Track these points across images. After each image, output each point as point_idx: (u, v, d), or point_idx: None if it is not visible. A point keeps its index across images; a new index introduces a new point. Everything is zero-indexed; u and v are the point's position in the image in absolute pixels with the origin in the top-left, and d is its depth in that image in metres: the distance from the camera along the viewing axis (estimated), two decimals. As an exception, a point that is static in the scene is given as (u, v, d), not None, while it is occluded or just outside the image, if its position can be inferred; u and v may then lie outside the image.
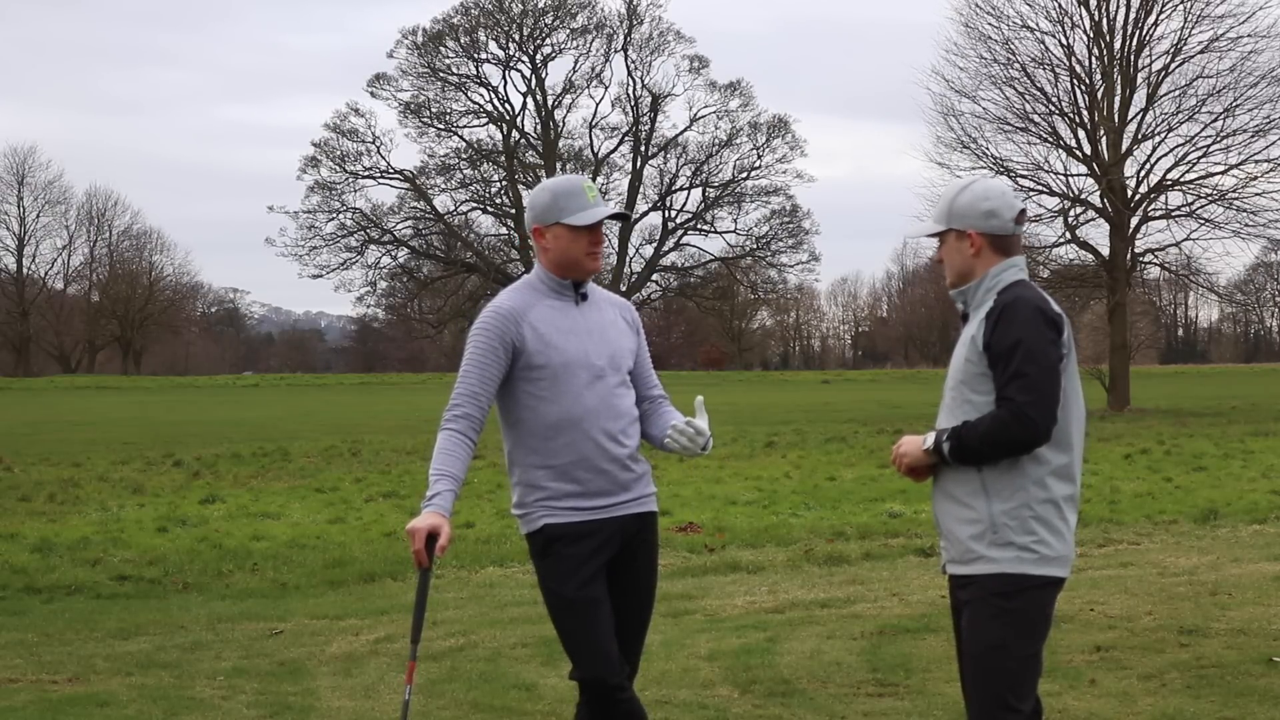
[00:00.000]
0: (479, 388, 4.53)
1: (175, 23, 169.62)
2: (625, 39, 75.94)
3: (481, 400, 4.53)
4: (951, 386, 4.16)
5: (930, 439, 4.10)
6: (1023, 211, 4.22)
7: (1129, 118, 36.97)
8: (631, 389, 4.70)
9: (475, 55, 75.15)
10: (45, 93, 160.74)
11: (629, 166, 78.22)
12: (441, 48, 74.32)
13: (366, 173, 74.49)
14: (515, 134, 76.75)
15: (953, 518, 4.13)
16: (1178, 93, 36.69)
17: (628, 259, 79.07)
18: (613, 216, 4.64)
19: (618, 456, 4.58)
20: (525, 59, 75.89)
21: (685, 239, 79.01)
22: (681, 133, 77.41)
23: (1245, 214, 36.29)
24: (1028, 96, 36.91)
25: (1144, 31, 36.66)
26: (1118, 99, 36.89)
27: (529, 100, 76.72)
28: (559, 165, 76.71)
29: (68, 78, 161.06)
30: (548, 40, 75.86)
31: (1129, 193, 36.96)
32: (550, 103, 76.70)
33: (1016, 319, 4.01)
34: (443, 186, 76.63)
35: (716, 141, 76.88)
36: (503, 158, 76.30)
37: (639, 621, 4.71)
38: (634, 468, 4.64)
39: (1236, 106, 35.85)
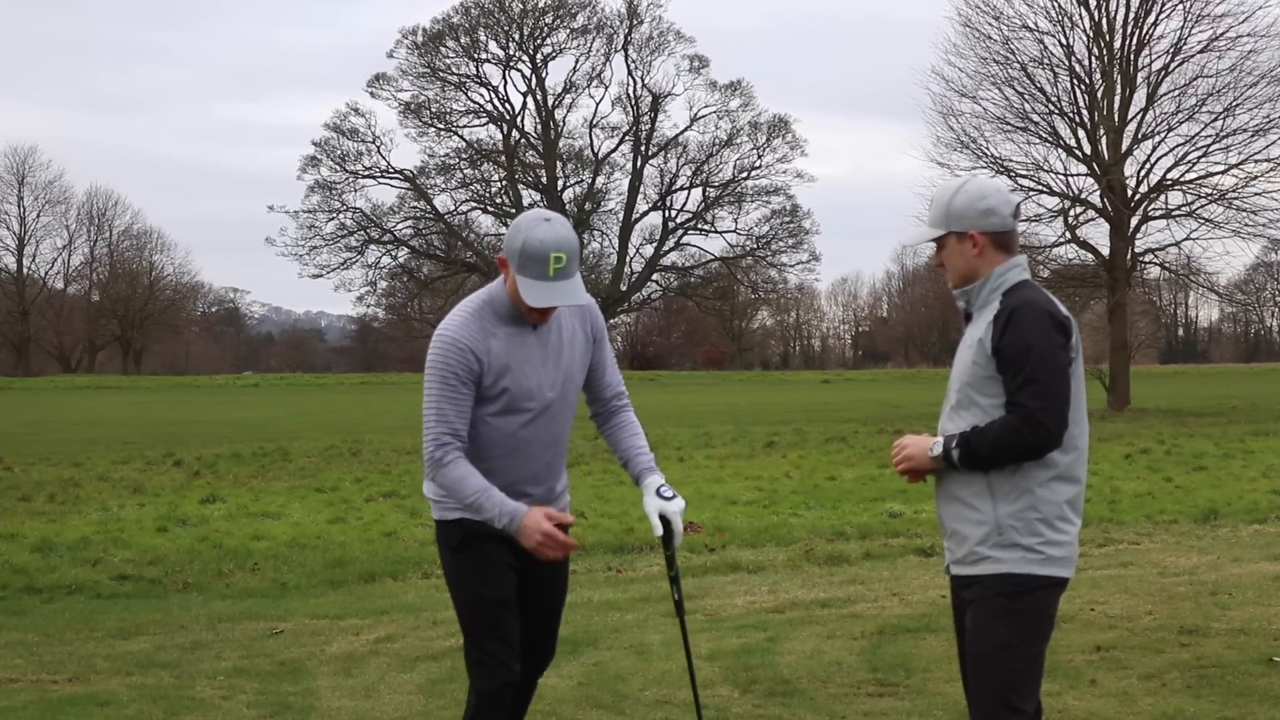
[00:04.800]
0: (459, 423, 4.44)
1: (167, 19, 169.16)
2: (625, 39, 76.00)
3: (463, 434, 4.45)
4: (957, 388, 4.15)
5: (939, 446, 4.09)
6: (1019, 206, 4.22)
7: (1129, 117, 36.95)
8: (574, 403, 4.69)
9: (475, 55, 75.21)
10: (41, 91, 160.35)
11: (629, 166, 78.29)
12: (441, 48, 74.38)
13: (367, 172, 74.60)
14: (515, 134, 76.79)
15: (958, 519, 4.13)
16: (1177, 92, 36.69)
17: (628, 259, 79.15)
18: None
19: (544, 480, 4.61)
20: (525, 59, 75.94)
21: (685, 239, 79.10)
22: (682, 132, 77.51)
23: (1245, 214, 36.29)
24: (1027, 96, 36.91)
25: (1144, 31, 36.66)
26: (1117, 99, 36.87)
27: (529, 100, 76.82)
28: (559, 165, 76.74)
29: (63, 76, 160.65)
30: (548, 40, 75.91)
31: (1129, 192, 36.94)
32: (550, 102, 76.75)
33: (1027, 323, 4.00)
34: (443, 186, 76.73)
35: (717, 141, 76.95)
36: (503, 157, 76.33)
37: (550, 618, 4.77)
38: (555, 487, 4.68)
39: (1236, 106, 35.85)
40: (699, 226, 78.18)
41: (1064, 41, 36.77)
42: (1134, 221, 37.14)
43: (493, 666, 4.51)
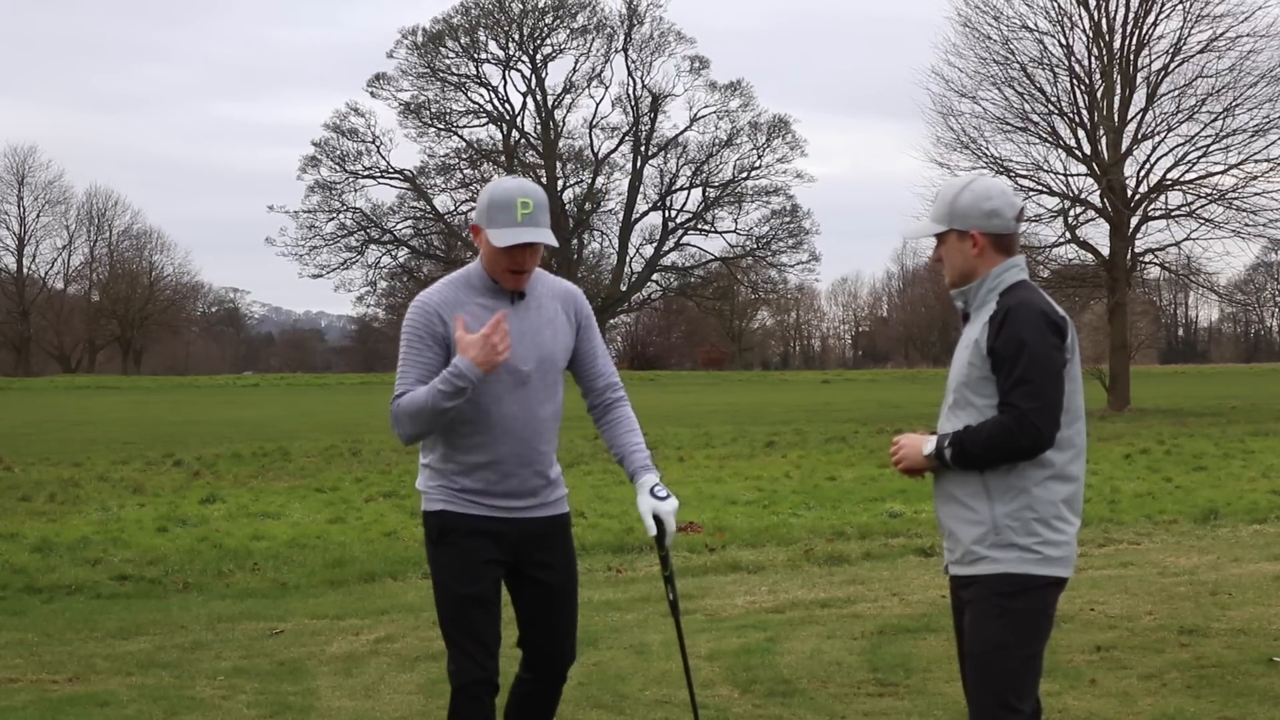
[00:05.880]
0: (425, 376, 4.43)
1: (164, 17, 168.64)
2: (625, 39, 76.05)
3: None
4: (954, 388, 4.15)
5: (931, 445, 4.10)
6: (1022, 209, 4.22)
7: (1129, 117, 36.95)
8: (559, 389, 4.64)
9: (475, 55, 75.25)
10: (40, 91, 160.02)
11: (629, 166, 78.33)
12: (441, 48, 74.43)
13: (366, 172, 74.68)
14: (515, 134, 76.83)
15: (955, 519, 4.13)
16: (1177, 92, 36.69)
17: (628, 259, 79.20)
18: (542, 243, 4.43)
19: (530, 461, 4.56)
20: (525, 59, 75.98)
21: (685, 239, 79.15)
22: (682, 133, 77.57)
23: (1245, 214, 36.29)
24: (1027, 96, 36.92)
25: (1143, 31, 36.67)
26: (1117, 99, 36.88)
27: (529, 100, 76.87)
28: (559, 165, 76.75)
29: (61, 75, 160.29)
30: (548, 40, 75.96)
31: (1129, 192, 36.95)
32: (550, 103, 76.80)
33: (1021, 324, 4.00)
34: (443, 186, 76.83)
35: (717, 141, 77.01)
36: (503, 158, 76.35)
37: (562, 622, 4.73)
38: (547, 474, 4.63)
39: (1236, 106, 35.85)
40: (699, 227, 78.25)
41: (1064, 41, 36.81)
42: (1134, 221, 37.14)
43: (463, 663, 4.49)
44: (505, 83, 76.31)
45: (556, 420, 4.67)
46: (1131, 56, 36.66)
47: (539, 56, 76.05)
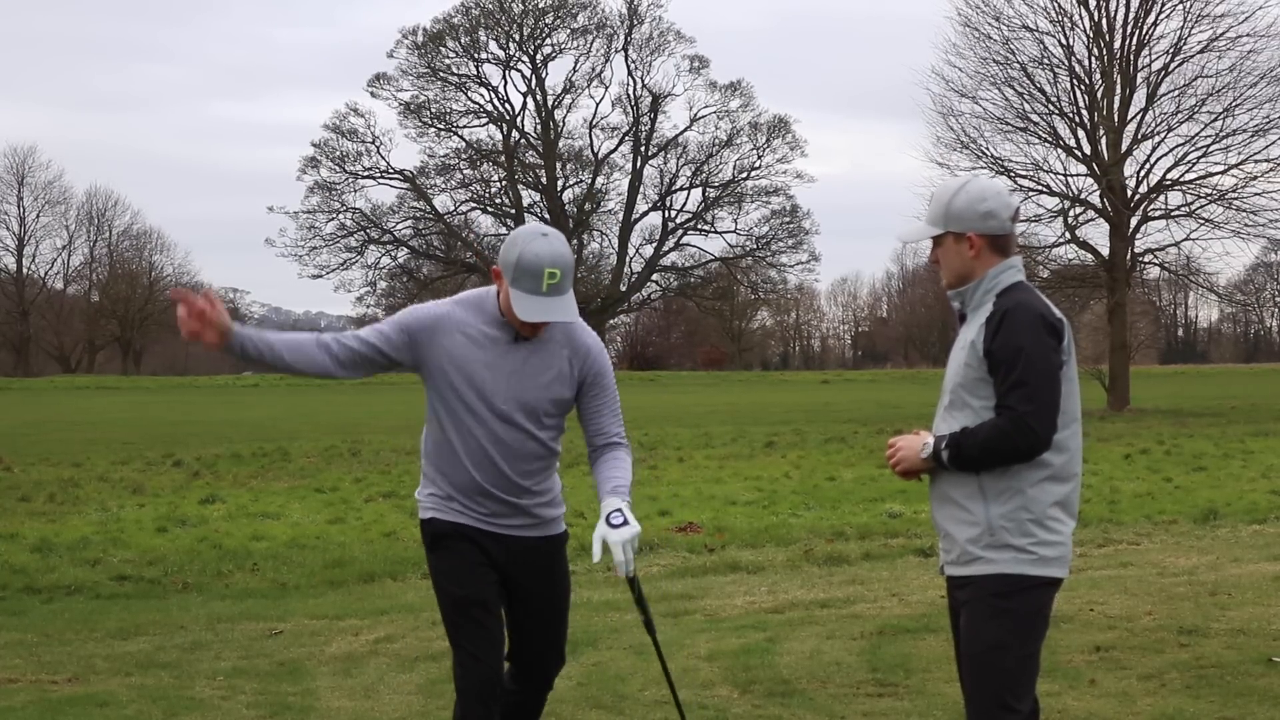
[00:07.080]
0: (369, 336, 4.55)
1: (163, 16, 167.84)
2: (626, 39, 76.03)
3: (354, 347, 4.52)
4: (950, 389, 4.16)
5: (929, 447, 4.10)
6: (1018, 209, 4.23)
7: (1129, 117, 36.97)
8: (550, 431, 4.60)
9: (475, 55, 75.25)
10: (40, 91, 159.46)
11: (629, 166, 78.33)
12: (441, 48, 74.42)
13: (366, 173, 74.65)
14: (515, 134, 76.81)
15: (951, 520, 4.14)
16: (1177, 92, 36.72)
17: (627, 259, 79.18)
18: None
19: (509, 490, 4.56)
20: (525, 59, 75.96)
21: (685, 239, 79.15)
22: (681, 133, 77.56)
23: (1245, 214, 36.32)
24: (1027, 96, 36.95)
25: (1144, 31, 36.69)
26: (1117, 99, 36.89)
27: (529, 100, 76.85)
28: (559, 165, 76.74)
29: (61, 75, 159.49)
30: (548, 40, 75.95)
31: (1129, 193, 36.95)
32: (550, 103, 76.78)
33: (1018, 326, 4.00)
34: (442, 186, 76.78)
35: (716, 141, 77.00)
36: (503, 158, 76.34)
37: (551, 637, 4.74)
38: (531, 505, 4.61)
39: (1236, 106, 35.87)
40: (699, 227, 78.26)
41: (1064, 41, 36.84)
42: (1134, 222, 37.16)
43: (469, 665, 4.50)
44: (505, 83, 76.39)
45: (546, 459, 4.64)
46: (1131, 56, 36.68)
47: (539, 56, 76.08)
